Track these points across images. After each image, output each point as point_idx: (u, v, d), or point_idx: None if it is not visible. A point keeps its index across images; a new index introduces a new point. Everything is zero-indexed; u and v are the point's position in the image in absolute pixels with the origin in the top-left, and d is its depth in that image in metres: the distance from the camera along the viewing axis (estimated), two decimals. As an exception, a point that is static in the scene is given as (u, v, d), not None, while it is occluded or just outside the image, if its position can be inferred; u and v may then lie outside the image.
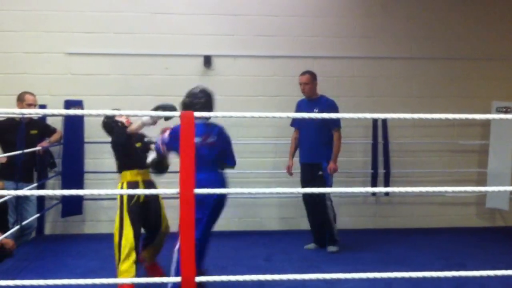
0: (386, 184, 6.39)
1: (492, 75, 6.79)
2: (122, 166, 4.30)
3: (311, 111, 5.38)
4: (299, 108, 5.67)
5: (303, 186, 5.49)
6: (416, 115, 2.85)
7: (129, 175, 4.26)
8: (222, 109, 3.64)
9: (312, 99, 5.58)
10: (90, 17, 6.32)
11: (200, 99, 4.11)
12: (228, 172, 4.24)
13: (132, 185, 4.21)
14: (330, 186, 5.40)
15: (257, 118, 6.32)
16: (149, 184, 4.28)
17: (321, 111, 5.28)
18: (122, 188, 4.28)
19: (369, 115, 2.88)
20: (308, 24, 6.56)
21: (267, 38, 6.51)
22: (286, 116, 2.91)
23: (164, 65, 6.41)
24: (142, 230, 4.27)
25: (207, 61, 6.40)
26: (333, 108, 5.47)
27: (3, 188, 5.23)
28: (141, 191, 4.02)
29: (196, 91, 4.17)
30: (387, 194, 6.49)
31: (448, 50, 6.72)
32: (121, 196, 4.18)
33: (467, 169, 6.74)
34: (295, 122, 5.75)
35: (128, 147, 4.25)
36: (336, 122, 5.49)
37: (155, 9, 6.39)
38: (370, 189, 5.79)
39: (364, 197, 6.60)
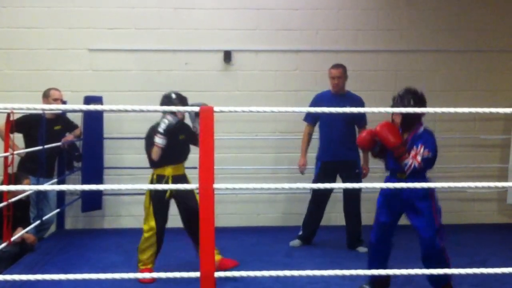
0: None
1: (515, 68, 6.69)
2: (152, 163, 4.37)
3: (341, 106, 4.94)
4: (323, 103, 5.21)
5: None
6: (438, 109, 2.81)
7: (157, 171, 4.35)
8: (242, 104, 3.63)
9: (341, 94, 5.35)
10: (112, 13, 6.35)
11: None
12: (247, 167, 4.24)
13: (160, 178, 4.29)
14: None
15: (277, 113, 6.38)
16: (179, 180, 4.28)
17: (353, 107, 4.91)
18: (152, 179, 4.37)
19: (390, 109, 2.86)
20: (331, 18, 6.51)
21: (289, 32, 6.47)
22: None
23: (184, 61, 6.41)
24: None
25: (227, 56, 6.38)
26: (363, 104, 5.31)
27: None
28: (167, 186, 4.01)
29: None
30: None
31: (472, 43, 6.61)
32: (149, 191, 4.28)
33: (489, 164, 6.65)
34: (310, 117, 5.44)
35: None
36: (365, 120, 5.32)
37: (178, 4, 6.38)
38: (391, 185, 5.70)
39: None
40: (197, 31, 6.41)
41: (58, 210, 5.84)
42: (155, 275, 3.62)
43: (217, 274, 2.55)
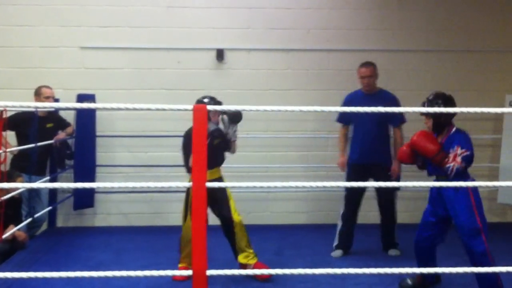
0: (397, 179, 6.35)
1: (507, 68, 6.72)
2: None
3: (372, 106, 4.79)
4: (353, 102, 4.99)
5: (360, 188, 5.03)
6: (430, 109, 2.84)
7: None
8: (234, 103, 3.64)
9: (372, 93, 5.16)
10: (105, 11, 6.33)
11: None
12: (239, 166, 4.27)
13: None
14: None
15: (267, 112, 6.39)
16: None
17: (385, 106, 4.81)
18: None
19: (382, 109, 2.88)
20: (323, 17, 6.52)
21: (281, 31, 6.48)
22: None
23: (177, 59, 6.41)
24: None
25: (220, 54, 6.39)
26: (398, 104, 5.11)
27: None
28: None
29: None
30: (398, 189, 6.46)
31: (463, 43, 6.65)
32: (187, 189, 4.27)
33: (479, 163, 6.67)
34: (344, 118, 5.27)
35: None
36: (401, 119, 5.18)
37: (171, 2, 6.38)
38: (383, 184, 5.71)
39: (373, 192, 6.56)
40: (189, 30, 6.41)
41: (50, 208, 5.84)
42: (146, 273, 3.62)
43: (209, 272, 2.57)
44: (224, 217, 4.43)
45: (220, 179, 4.48)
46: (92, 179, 6.05)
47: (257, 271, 2.95)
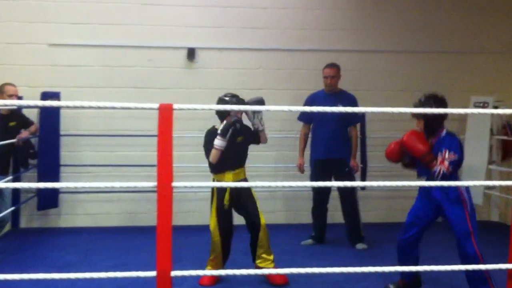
0: (363, 179, 6.41)
1: (472, 69, 6.85)
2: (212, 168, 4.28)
3: (334, 105, 4.98)
4: (316, 102, 5.27)
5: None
6: (395, 109, 2.86)
7: (217, 177, 4.29)
8: (204, 102, 3.60)
9: (334, 93, 5.42)
10: (75, 7, 6.21)
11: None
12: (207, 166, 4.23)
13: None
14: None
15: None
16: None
17: (346, 106, 4.97)
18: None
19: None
20: (296, 17, 6.54)
21: (253, 31, 6.47)
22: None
23: (147, 57, 6.33)
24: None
25: (191, 53, 6.33)
26: (356, 103, 5.39)
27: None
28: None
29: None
30: (363, 188, 6.52)
31: (432, 44, 6.75)
32: (212, 192, 4.25)
33: (444, 164, 6.80)
34: (306, 116, 5.52)
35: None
36: (359, 118, 5.45)
37: (144, 0, 6.30)
38: (348, 183, 5.76)
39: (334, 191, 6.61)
40: (161, 28, 6.34)
41: (13, 208, 5.70)
42: (110, 274, 3.57)
43: (174, 273, 2.54)
44: (251, 219, 4.33)
45: (245, 180, 4.35)
46: (56, 178, 5.93)
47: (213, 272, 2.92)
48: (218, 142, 4.11)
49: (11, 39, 6.13)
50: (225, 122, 4.11)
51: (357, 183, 4.34)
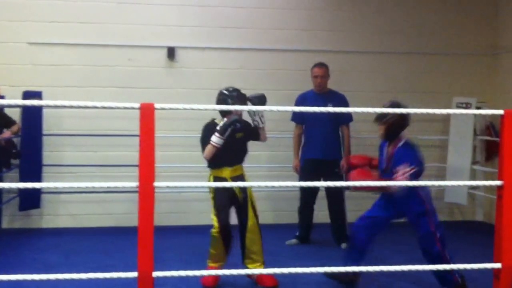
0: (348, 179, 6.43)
1: (454, 70, 6.90)
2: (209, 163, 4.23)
3: (324, 105, 5.00)
4: (306, 102, 5.36)
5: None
6: (378, 109, 2.87)
7: (214, 172, 4.22)
8: (185, 102, 3.59)
9: (324, 93, 5.45)
10: (54, 5, 6.15)
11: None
12: (189, 166, 4.22)
13: (218, 180, 4.15)
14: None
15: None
16: (238, 181, 4.15)
17: (336, 106, 5.05)
18: (209, 181, 4.25)
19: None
20: (276, 17, 6.54)
21: (234, 30, 6.46)
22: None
23: (127, 56, 6.29)
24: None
25: (171, 53, 6.31)
26: (347, 103, 5.42)
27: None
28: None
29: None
30: (347, 188, 6.53)
31: (413, 45, 6.79)
32: (211, 190, 4.19)
33: (427, 163, 6.81)
34: (298, 117, 5.53)
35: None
36: (350, 118, 5.45)
37: (123, -2, 6.27)
38: (330, 183, 5.74)
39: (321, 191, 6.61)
40: (141, 27, 6.31)
41: (-6, 209, 5.64)
42: (91, 275, 3.54)
43: (155, 273, 2.52)
44: (241, 218, 4.30)
45: (242, 177, 4.30)
46: (38, 179, 5.87)
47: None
48: (215, 139, 4.06)
49: (-8, 38, 6.06)
50: (225, 119, 4.07)
51: (345, 183, 4.34)
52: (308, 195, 5.51)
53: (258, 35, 6.51)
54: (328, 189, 5.46)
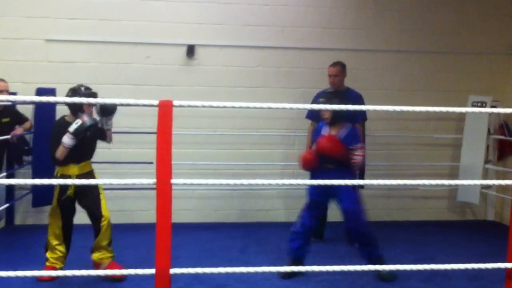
0: (361, 177, 6.41)
1: (470, 69, 6.84)
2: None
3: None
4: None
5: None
6: (392, 107, 2.85)
7: (61, 170, 4.26)
8: (203, 99, 3.59)
9: (339, 91, 5.37)
10: (73, 3, 6.15)
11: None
12: (205, 163, 4.21)
13: (64, 177, 4.19)
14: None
15: (236, 109, 6.34)
16: (85, 178, 4.14)
17: (350, 104, 5.04)
18: (56, 178, 4.26)
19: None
20: (297, 15, 6.49)
21: (254, 28, 6.42)
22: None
23: (145, 54, 6.28)
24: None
25: (190, 50, 6.27)
26: (362, 101, 5.40)
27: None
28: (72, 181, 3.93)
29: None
30: (362, 187, 6.51)
31: (431, 44, 6.74)
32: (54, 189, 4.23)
33: (441, 162, 6.82)
34: (313, 114, 5.51)
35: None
36: (364, 116, 5.44)
37: (144, -5, 6.25)
38: (343, 182, 5.73)
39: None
40: (160, 24, 6.27)
41: (7, 205, 5.65)
42: (109, 272, 3.55)
43: (173, 270, 2.52)
44: (92, 211, 4.33)
45: (91, 173, 4.37)
46: (51, 175, 5.86)
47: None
48: (68, 140, 4.06)
49: (8, 34, 6.06)
50: (80, 122, 4.05)
51: (357, 182, 4.35)
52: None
53: (277, 33, 6.47)
54: None
